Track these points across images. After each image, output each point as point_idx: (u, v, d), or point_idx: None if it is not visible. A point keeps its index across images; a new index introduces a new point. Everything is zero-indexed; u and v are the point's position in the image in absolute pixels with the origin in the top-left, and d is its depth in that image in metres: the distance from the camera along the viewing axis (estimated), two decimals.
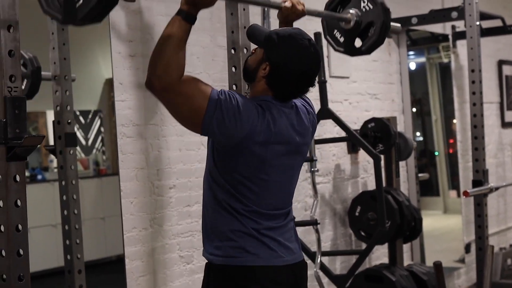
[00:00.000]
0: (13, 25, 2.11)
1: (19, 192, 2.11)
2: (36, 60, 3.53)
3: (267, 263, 2.45)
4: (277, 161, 2.47)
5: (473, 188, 5.01)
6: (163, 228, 3.77)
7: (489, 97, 6.90)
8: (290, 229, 2.59)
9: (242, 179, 2.43)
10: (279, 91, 2.48)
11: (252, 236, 2.45)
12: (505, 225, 7.35)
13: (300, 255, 2.59)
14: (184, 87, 2.32)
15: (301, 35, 2.49)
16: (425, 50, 6.91)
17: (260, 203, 2.47)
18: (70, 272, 3.48)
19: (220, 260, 2.46)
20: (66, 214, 3.55)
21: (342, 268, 5.10)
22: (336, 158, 5.15)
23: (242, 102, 2.38)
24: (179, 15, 2.38)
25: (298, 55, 2.45)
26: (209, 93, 2.34)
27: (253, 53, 2.57)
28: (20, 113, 2.11)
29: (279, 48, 2.45)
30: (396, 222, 4.77)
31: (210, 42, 4.05)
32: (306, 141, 2.61)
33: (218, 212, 2.47)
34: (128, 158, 3.62)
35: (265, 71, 2.47)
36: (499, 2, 7.33)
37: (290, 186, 2.60)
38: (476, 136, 5.10)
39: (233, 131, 2.35)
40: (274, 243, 2.49)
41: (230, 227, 2.45)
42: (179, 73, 2.31)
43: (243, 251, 2.44)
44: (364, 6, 3.17)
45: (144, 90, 3.67)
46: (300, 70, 2.45)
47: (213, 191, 2.48)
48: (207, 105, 2.32)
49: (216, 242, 2.47)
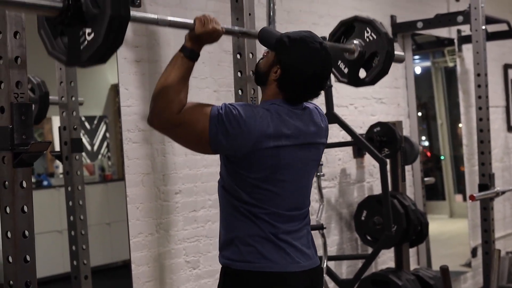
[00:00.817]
0: (20, 31, 2.11)
1: (25, 198, 2.12)
2: (44, 85, 3.54)
3: (284, 269, 2.45)
4: (291, 159, 2.46)
5: (479, 192, 5.00)
6: (169, 233, 3.76)
7: (495, 101, 6.88)
8: (306, 234, 2.58)
9: (258, 183, 2.42)
10: (290, 93, 2.49)
11: (270, 240, 2.44)
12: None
13: (316, 261, 2.58)
14: (183, 117, 2.34)
15: (313, 38, 2.49)
16: (431, 54, 6.91)
17: (279, 203, 2.46)
18: (76, 278, 3.49)
19: (236, 265, 2.45)
20: (72, 220, 3.55)
21: (348, 272, 5.09)
22: (342, 163, 5.14)
23: (245, 110, 2.38)
24: (182, 52, 2.40)
25: (309, 58, 2.45)
26: (209, 112, 2.35)
27: (265, 57, 2.57)
28: (26, 119, 2.11)
29: (290, 50, 2.46)
30: (402, 227, 4.76)
31: (216, 47, 4.05)
32: (322, 139, 2.60)
33: (234, 217, 2.47)
34: (134, 164, 3.62)
35: (276, 74, 2.47)
36: (505, 6, 7.32)
37: (307, 184, 2.59)
38: (482, 140, 5.10)
39: (241, 140, 2.35)
40: (291, 249, 2.48)
41: (247, 231, 2.44)
42: (179, 109, 2.34)
43: (260, 257, 2.43)
44: (367, 36, 3.16)
45: (149, 96, 3.68)
46: (311, 72, 2.45)
47: (228, 199, 2.48)
48: (209, 124, 2.33)
49: (233, 247, 2.47)
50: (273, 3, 3.91)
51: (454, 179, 6.93)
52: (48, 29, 2.12)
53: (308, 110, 2.57)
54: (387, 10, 5.69)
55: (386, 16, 5.68)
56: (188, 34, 2.43)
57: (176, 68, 2.37)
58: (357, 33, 3.17)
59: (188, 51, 2.40)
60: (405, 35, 5.83)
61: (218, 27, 2.45)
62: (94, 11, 1.96)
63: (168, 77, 2.36)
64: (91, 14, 1.97)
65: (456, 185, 6.95)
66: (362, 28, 3.13)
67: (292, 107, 2.50)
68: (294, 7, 4.74)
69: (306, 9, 4.87)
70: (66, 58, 2.08)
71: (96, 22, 1.96)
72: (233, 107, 2.37)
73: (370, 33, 3.15)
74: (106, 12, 1.94)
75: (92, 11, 1.96)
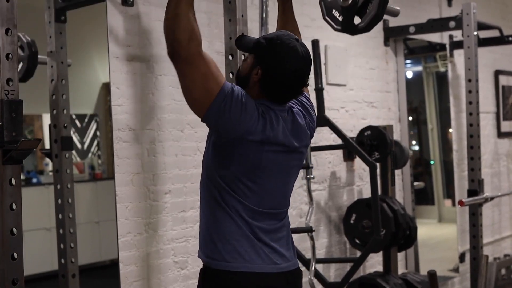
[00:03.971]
0: (11, 29, 2.11)
1: (14, 195, 2.11)
2: (34, 45, 3.52)
3: (261, 269, 2.46)
4: (272, 162, 2.48)
5: (468, 197, 5.01)
6: (158, 233, 3.76)
7: (486, 107, 6.91)
8: (286, 236, 2.59)
9: (239, 175, 2.44)
10: (273, 93, 2.50)
11: (248, 239, 2.45)
12: (500, 235, 7.35)
13: (295, 263, 2.59)
14: (204, 63, 2.33)
15: (289, 35, 2.52)
16: (422, 59, 6.92)
17: (257, 201, 2.47)
18: (64, 276, 3.48)
19: (215, 264, 2.46)
20: (61, 218, 3.55)
21: (337, 275, 5.09)
22: (332, 166, 5.15)
23: (248, 101, 2.41)
24: None
25: (287, 55, 2.46)
26: (223, 81, 2.37)
27: (244, 61, 2.59)
28: (16, 116, 2.11)
29: (269, 50, 2.48)
30: (391, 231, 4.77)
31: (208, 48, 4.05)
32: (304, 143, 2.62)
33: (214, 212, 2.47)
34: (124, 163, 3.62)
35: (258, 75, 2.48)
36: (497, 12, 7.34)
37: (287, 187, 2.60)
38: (472, 145, 5.11)
39: (234, 125, 2.36)
40: (269, 250, 2.49)
41: (227, 229, 2.45)
42: (200, 40, 2.33)
43: (238, 256, 2.44)
44: None
45: (141, 95, 3.68)
46: (291, 70, 2.46)
47: (210, 191, 2.49)
48: (218, 92, 2.34)
49: (212, 245, 2.48)
50: (266, 5, 3.92)
51: (444, 184, 6.94)
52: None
53: (291, 113, 2.58)
54: None
55: None
56: None
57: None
58: None
59: None
60: (397, 39, 5.84)
61: None
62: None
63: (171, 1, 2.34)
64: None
65: (445, 190, 6.96)
66: None
67: (278, 108, 2.51)
68: None
69: (298, 12, 4.83)
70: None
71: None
72: (242, 93, 2.41)
73: None
74: None
75: None
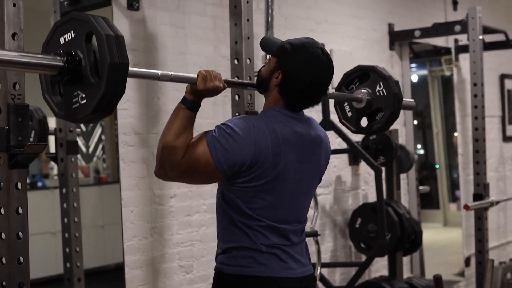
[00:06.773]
0: (18, 33, 2.11)
1: (20, 199, 2.11)
2: (41, 111, 3.54)
3: (276, 274, 2.45)
4: (290, 171, 2.46)
5: (473, 201, 5.00)
6: (163, 237, 3.76)
7: (491, 111, 6.90)
8: (301, 242, 2.59)
9: (257, 192, 2.42)
10: (290, 99, 2.49)
11: (264, 251, 2.45)
12: (505, 239, 7.33)
13: (309, 269, 2.58)
14: (185, 162, 2.36)
15: (314, 44, 2.50)
16: (428, 63, 6.92)
17: (275, 215, 2.46)
18: (69, 280, 3.48)
19: (230, 269, 2.46)
20: (66, 222, 3.55)
21: (342, 280, 5.08)
22: (337, 170, 5.14)
23: (238, 124, 2.39)
24: (183, 104, 2.42)
25: (309, 64, 2.45)
26: (205, 142, 2.37)
27: (266, 64, 2.58)
28: (23, 120, 2.11)
29: (292, 56, 2.46)
30: (396, 235, 4.77)
31: (214, 52, 4.06)
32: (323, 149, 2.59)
33: (231, 230, 2.48)
34: (129, 167, 3.62)
35: (278, 79, 2.48)
36: (503, 16, 7.34)
37: (304, 197, 2.59)
38: (477, 149, 5.10)
39: (241, 152, 2.35)
40: (285, 255, 2.48)
41: (243, 244, 2.45)
42: (183, 156, 2.37)
43: (254, 261, 2.44)
44: (379, 90, 3.11)
45: (146, 99, 3.68)
46: (311, 78, 2.45)
47: (225, 210, 2.49)
48: (209, 153, 2.35)
49: (228, 253, 2.48)
50: (271, 9, 3.92)
51: (449, 188, 6.93)
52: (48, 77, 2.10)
53: (309, 119, 2.58)
54: (385, 18, 5.70)
55: (384, 24, 5.69)
56: (190, 86, 2.43)
57: (178, 119, 2.40)
58: (370, 83, 3.13)
59: (189, 103, 2.42)
60: (403, 43, 5.84)
61: (220, 84, 2.45)
62: (92, 80, 1.92)
63: (171, 127, 2.39)
64: (88, 82, 1.93)
65: (450, 194, 6.95)
66: (376, 80, 3.08)
67: (293, 113, 2.50)
68: (292, 13, 4.75)
69: (303, 16, 4.87)
70: (57, 109, 2.07)
71: (91, 92, 1.92)
72: (225, 126, 2.39)
73: (382, 88, 3.10)
74: (101, 87, 1.89)
75: (90, 79, 1.93)
